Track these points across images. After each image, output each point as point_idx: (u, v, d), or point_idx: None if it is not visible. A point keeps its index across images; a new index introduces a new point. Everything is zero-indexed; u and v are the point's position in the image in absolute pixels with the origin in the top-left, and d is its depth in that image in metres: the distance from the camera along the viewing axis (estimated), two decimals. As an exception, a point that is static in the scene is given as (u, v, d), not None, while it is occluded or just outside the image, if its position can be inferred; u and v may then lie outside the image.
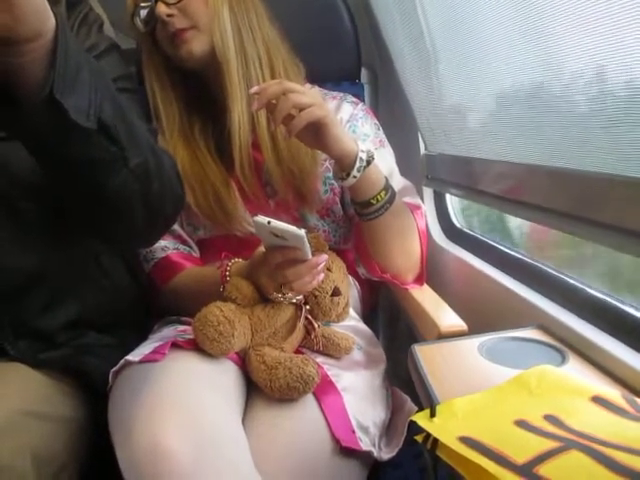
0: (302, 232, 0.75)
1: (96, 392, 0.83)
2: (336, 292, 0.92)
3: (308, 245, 0.79)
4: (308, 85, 1.14)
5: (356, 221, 1.06)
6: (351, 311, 1.04)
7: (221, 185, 1.05)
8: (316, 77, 1.16)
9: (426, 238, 1.06)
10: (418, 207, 1.07)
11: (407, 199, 1.07)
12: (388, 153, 1.12)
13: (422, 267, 1.06)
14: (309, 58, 1.11)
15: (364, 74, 1.40)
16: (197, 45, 1.00)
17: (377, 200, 0.94)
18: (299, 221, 1.09)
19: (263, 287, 0.86)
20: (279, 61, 1.06)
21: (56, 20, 0.55)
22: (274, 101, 0.85)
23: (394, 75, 1.27)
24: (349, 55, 1.34)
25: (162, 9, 0.97)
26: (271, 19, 1.07)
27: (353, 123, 1.10)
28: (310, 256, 0.81)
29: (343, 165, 0.92)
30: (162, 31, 1.01)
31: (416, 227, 1.04)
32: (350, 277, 1.09)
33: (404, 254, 1.03)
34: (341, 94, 1.14)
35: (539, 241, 1.18)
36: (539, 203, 0.80)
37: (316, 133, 0.88)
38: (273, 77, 1.03)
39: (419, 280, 1.06)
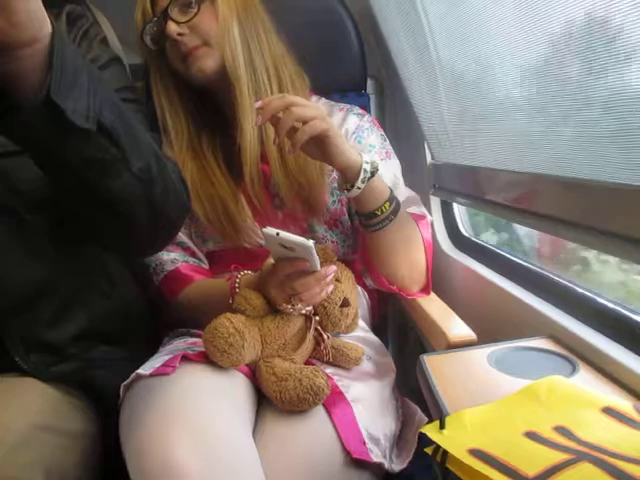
0: (310, 243, 0.76)
1: (107, 406, 0.83)
2: (345, 303, 0.92)
3: (317, 256, 0.79)
4: (314, 98, 1.14)
5: (361, 232, 1.06)
6: (360, 321, 1.04)
7: (230, 199, 1.05)
8: (322, 88, 1.16)
9: (431, 248, 1.05)
10: (423, 217, 1.07)
11: (412, 209, 1.07)
12: (394, 164, 1.12)
13: (428, 278, 1.05)
14: (315, 69, 1.12)
15: (370, 85, 1.41)
16: (208, 62, 1.01)
17: (381, 211, 0.94)
18: (307, 232, 1.09)
19: (272, 298, 0.86)
20: (286, 74, 1.06)
21: (52, 25, 0.56)
22: (281, 114, 0.85)
23: (400, 85, 1.27)
24: (355, 66, 1.34)
25: (173, 28, 0.98)
26: (277, 32, 1.08)
27: (359, 134, 1.10)
28: (319, 267, 0.81)
29: (347, 177, 0.92)
30: (172, 49, 1.02)
31: (421, 237, 1.03)
32: (359, 287, 1.09)
33: (408, 265, 1.02)
34: (348, 106, 1.15)
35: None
36: (547, 212, 0.80)
37: (319, 145, 0.89)
38: (281, 90, 1.04)
39: (425, 290, 1.06)
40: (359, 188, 0.91)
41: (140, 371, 0.81)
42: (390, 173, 1.06)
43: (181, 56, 1.01)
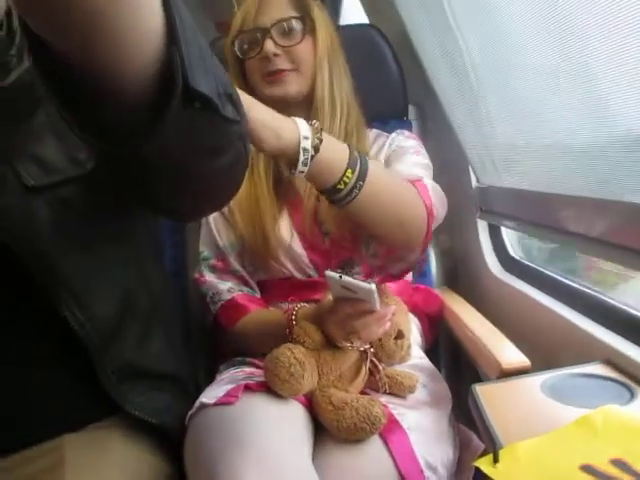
0: (373, 287, 0.78)
1: (168, 437, 0.83)
2: (400, 335, 0.94)
3: (377, 298, 0.81)
4: (372, 133, 1.16)
5: None
6: (413, 346, 1.04)
7: (269, 219, 1.07)
8: (364, 116, 1.18)
9: (431, 205, 0.95)
10: (418, 180, 0.99)
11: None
12: (420, 159, 1.08)
13: (428, 227, 0.95)
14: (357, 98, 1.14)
15: (411, 111, 1.42)
16: (294, 87, 1.05)
17: (344, 183, 0.82)
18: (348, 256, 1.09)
19: (331, 335, 0.88)
20: (354, 111, 1.10)
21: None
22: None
23: (441, 111, 1.28)
24: (395, 93, 1.36)
25: (271, 47, 1.02)
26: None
27: (397, 140, 1.12)
28: (378, 307, 0.83)
29: (287, 162, 0.81)
30: (259, 64, 1.05)
31: (413, 190, 0.94)
32: (409, 314, 1.09)
33: (402, 222, 0.92)
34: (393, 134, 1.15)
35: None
36: (597, 236, 0.78)
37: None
38: (348, 127, 1.07)
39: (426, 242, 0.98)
40: (302, 172, 0.80)
41: (204, 400, 0.84)
42: (406, 163, 1.05)
43: (265, 73, 1.05)
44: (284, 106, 1.08)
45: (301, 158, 0.78)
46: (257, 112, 0.77)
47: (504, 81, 0.98)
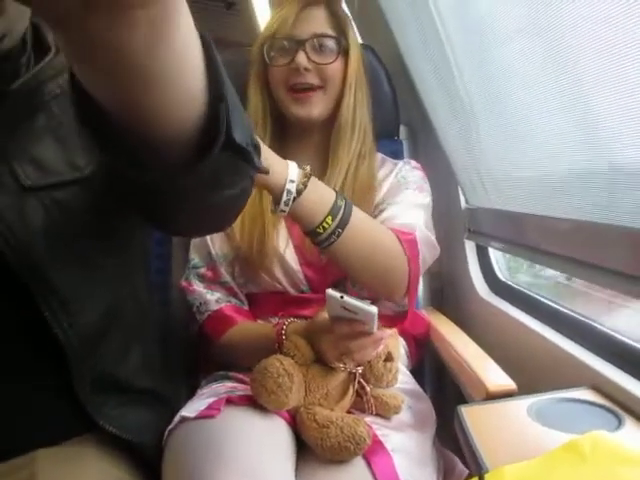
0: (374, 310, 0.77)
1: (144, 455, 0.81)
2: (389, 358, 0.92)
3: (377, 321, 0.80)
4: (379, 156, 1.16)
5: None
6: (400, 367, 1.03)
7: (270, 230, 1.06)
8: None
9: (416, 259, 0.97)
10: (407, 233, 0.99)
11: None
12: (421, 198, 1.09)
13: (410, 290, 0.97)
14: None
15: (403, 131, 1.42)
16: (319, 109, 1.06)
17: (323, 228, 0.86)
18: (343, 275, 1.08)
19: (323, 353, 0.87)
20: (369, 135, 1.11)
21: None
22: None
23: (432, 132, 1.29)
24: (387, 113, 1.36)
25: (303, 60, 1.02)
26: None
27: (403, 171, 1.12)
28: (375, 330, 0.82)
29: (274, 199, 0.85)
30: (287, 75, 1.05)
31: (396, 240, 0.95)
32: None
33: (382, 273, 0.95)
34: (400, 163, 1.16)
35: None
36: (585, 259, 0.78)
37: None
38: (362, 151, 1.08)
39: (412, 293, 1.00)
40: (283, 211, 0.84)
41: (185, 413, 0.82)
42: (406, 204, 1.05)
43: (291, 85, 1.05)
44: (306, 126, 1.09)
45: (284, 198, 0.83)
46: None
47: (495, 106, 0.99)
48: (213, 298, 1.08)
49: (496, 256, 1.27)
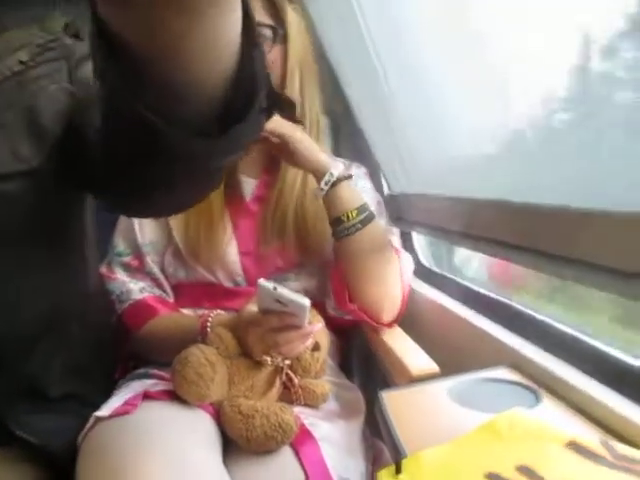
0: (307, 302, 0.75)
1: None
2: (316, 347, 0.90)
3: (308, 315, 0.78)
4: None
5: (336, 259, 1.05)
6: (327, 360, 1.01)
7: (217, 216, 1.04)
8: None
9: (408, 285, 1.04)
10: (398, 251, 1.06)
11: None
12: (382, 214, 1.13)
13: (400, 310, 1.03)
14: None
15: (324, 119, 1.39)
16: None
17: (348, 218, 0.97)
18: (282, 269, 1.07)
19: (249, 346, 0.84)
20: (322, 127, 1.12)
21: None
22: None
23: (353, 120, 1.28)
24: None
25: None
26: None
27: (356, 172, 1.12)
28: (305, 323, 0.79)
29: (317, 178, 0.98)
30: None
31: (398, 266, 1.02)
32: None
33: (379, 284, 1.00)
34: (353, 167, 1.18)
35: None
36: (505, 240, 0.78)
37: (289, 154, 0.96)
38: (318, 141, 1.07)
39: (393, 322, 1.04)
40: (322, 189, 0.97)
41: (98, 413, 0.76)
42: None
43: None
44: None
45: (326, 178, 0.96)
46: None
47: (414, 85, 0.98)
48: (136, 287, 1.03)
49: (420, 242, 1.27)
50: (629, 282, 0.52)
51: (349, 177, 0.99)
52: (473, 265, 1.28)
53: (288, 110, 0.56)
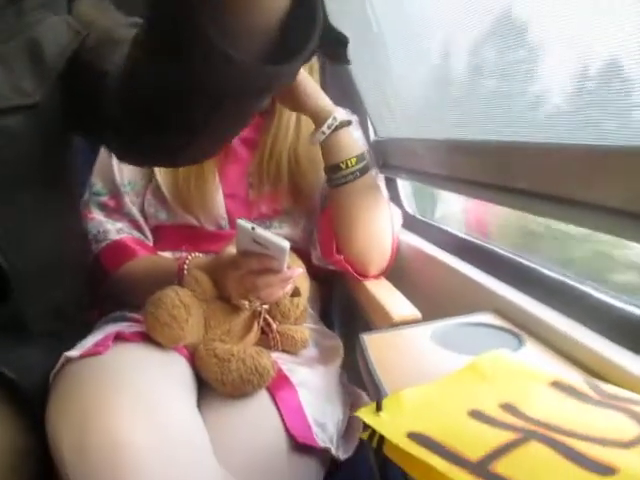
0: (286, 245, 0.72)
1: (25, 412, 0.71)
2: (296, 292, 0.88)
3: (287, 258, 0.75)
4: None
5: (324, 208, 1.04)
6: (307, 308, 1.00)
7: (208, 166, 1.01)
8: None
9: (397, 238, 1.03)
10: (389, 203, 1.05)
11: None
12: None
13: (388, 262, 1.02)
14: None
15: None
16: None
17: (346, 165, 0.94)
18: (266, 216, 1.05)
19: (227, 289, 0.81)
20: (315, 65, 1.07)
21: None
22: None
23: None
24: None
25: None
26: None
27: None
28: (285, 267, 0.77)
29: (317, 122, 0.95)
30: None
31: (390, 218, 1.00)
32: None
33: (369, 237, 0.98)
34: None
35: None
36: (488, 181, 0.76)
37: (291, 94, 0.93)
38: None
39: (380, 274, 1.03)
40: (324, 133, 0.94)
41: (68, 354, 0.73)
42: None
43: None
44: None
45: (328, 122, 0.93)
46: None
47: (402, 26, 0.94)
48: (114, 228, 1.00)
49: (404, 189, 1.25)
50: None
51: (350, 123, 0.96)
52: (451, 222, 1.26)
53: (339, 47, 0.55)
